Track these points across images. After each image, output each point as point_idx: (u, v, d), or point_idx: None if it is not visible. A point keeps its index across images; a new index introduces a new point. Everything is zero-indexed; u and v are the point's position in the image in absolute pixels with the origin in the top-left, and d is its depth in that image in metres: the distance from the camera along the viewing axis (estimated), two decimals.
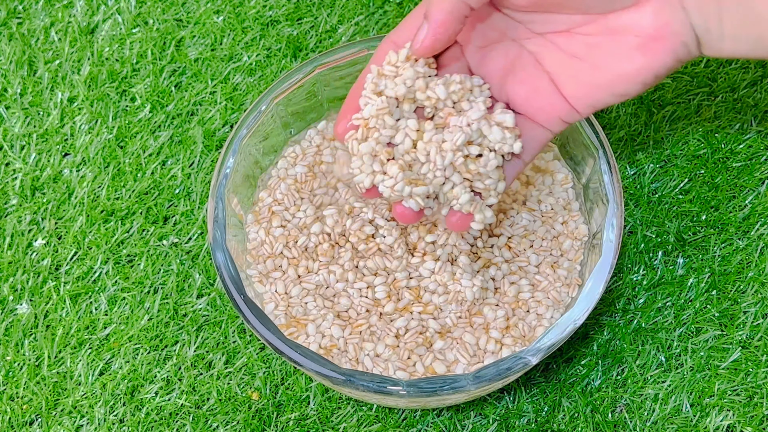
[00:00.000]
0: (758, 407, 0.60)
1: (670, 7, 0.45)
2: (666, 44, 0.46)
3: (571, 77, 0.48)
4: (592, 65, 0.47)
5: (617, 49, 0.47)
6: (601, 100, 0.48)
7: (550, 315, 0.57)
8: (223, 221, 0.56)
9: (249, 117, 0.59)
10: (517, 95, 0.50)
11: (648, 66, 0.46)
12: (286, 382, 0.62)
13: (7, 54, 0.72)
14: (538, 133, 0.51)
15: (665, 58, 0.46)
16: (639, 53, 0.46)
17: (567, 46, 0.48)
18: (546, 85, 0.49)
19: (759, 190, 0.66)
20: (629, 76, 0.47)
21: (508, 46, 0.50)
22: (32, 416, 0.62)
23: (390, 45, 0.49)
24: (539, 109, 0.50)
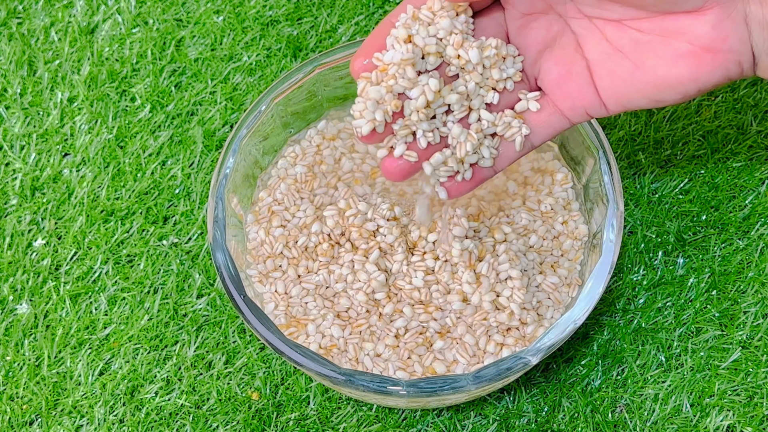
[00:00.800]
0: (758, 407, 0.60)
1: (732, 21, 0.43)
2: (719, 59, 0.43)
3: (609, 70, 0.46)
4: (635, 63, 0.45)
5: (665, 51, 0.44)
6: (635, 101, 0.46)
7: (550, 315, 0.57)
8: (223, 221, 0.56)
9: (249, 117, 0.59)
10: (548, 73, 0.48)
11: (693, 77, 0.44)
12: (286, 382, 0.62)
13: (7, 54, 0.72)
14: (556, 119, 0.49)
15: (714, 73, 0.44)
16: (687, 62, 0.44)
17: (613, 36, 0.46)
18: (581, 72, 0.47)
19: (759, 190, 0.66)
20: (670, 83, 0.45)
21: (552, 20, 0.47)
22: (32, 416, 0.62)
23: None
24: (566, 95, 0.48)
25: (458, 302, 0.56)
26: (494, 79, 0.48)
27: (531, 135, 0.49)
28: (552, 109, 0.49)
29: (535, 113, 0.49)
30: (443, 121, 0.49)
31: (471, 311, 0.56)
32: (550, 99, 0.49)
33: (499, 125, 0.49)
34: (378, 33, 0.48)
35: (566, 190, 0.61)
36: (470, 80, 0.48)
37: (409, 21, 0.47)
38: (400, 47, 0.46)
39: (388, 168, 0.49)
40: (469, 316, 0.56)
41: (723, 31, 0.43)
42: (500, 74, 0.48)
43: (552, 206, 0.60)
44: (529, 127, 0.49)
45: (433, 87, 0.47)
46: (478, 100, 0.49)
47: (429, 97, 0.47)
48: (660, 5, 0.43)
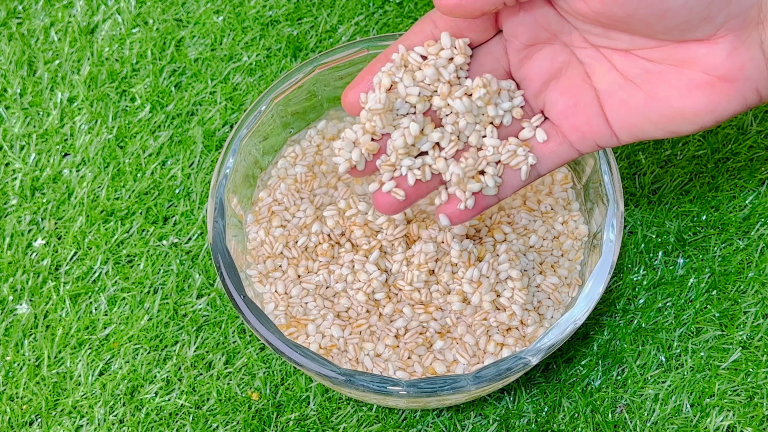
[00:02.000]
0: (758, 407, 0.60)
1: (747, 49, 0.41)
2: (735, 88, 0.41)
3: (620, 102, 0.44)
4: (648, 94, 0.43)
5: (679, 81, 0.42)
6: (648, 132, 0.44)
7: (550, 315, 0.57)
8: (223, 221, 0.56)
9: (249, 117, 0.59)
10: (555, 105, 0.47)
11: (710, 108, 0.42)
12: (286, 382, 0.62)
13: (7, 54, 0.72)
14: (565, 150, 0.48)
15: (731, 103, 0.42)
16: (703, 92, 0.42)
17: (623, 66, 0.44)
18: (590, 102, 0.45)
19: (759, 190, 0.66)
20: (686, 115, 0.43)
21: (557, 50, 0.46)
22: (32, 416, 0.62)
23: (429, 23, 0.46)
24: (574, 127, 0.46)
25: (458, 302, 0.56)
26: (490, 116, 0.48)
27: (537, 164, 0.48)
28: (560, 139, 0.47)
29: (542, 143, 0.48)
30: (435, 156, 0.48)
31: (471, 311, 0.56)
32: (558, 129, 0.47)
33: (504, 153, 0.48)
34: (371, 68, 0.47)
35: (566, 190, 0.61)
36: (461, 119, 0.47)
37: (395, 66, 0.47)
38: (376, 94, 0.46)
39: (378, 201, 0.48)
40: (469, 316, 0.56)
41: (738, 59, 0.41)
42: (495, 111, 0.47)
43: (552, 206, 0.60)
44: (536, 156, 0.48)
45: (412, 131, 0.47)
46: (474, 137, 0.48)
47: (408, 141, 0.47)
48: (670, 34, 0.41)
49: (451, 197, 0.49)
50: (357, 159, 0.47)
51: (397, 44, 0.47)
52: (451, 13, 0.43)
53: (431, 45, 0.47)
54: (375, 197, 0.49)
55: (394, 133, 0.47)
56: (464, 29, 0.46)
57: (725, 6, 0.40)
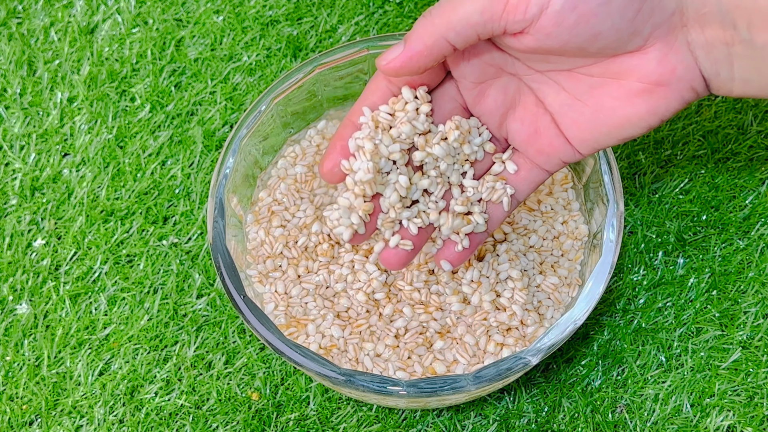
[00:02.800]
0: (759, 407, 0.60)
1: (676, 53, 0.43)
2: (671, 90, 0.44)
3: (573, 120, 0.47)
4: (595, 108, 0.46)
5: (620, 92, 0.45)
6: (603, 142, 0.47)
7: (550, 315, 0.57)
8: (223, 221, 0.56)
9: (249, 117, 0.59)
10: (518, 134, 0.49)
11: (652, 111, 0.45)
12: (286, 382, 0.62)
13: (7, 54, 0.72)
14: (535, 174, 0.50)
15: (671, 104, 0.45)
16: (642, 99, 0.45)
17: (569, 86, 0.47)
18: (548, 126, 0.48)
19: (759, 190, 0.66)
20: (632, 121, 0.45)
21: (506, 82, 0.48)
22: (32, 416, 0.62)
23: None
24: (539, 151, 0.49)
25: (458, 302, 0.56)
26: (466, 154, 0.50)
27: (516, 193, 0.51)
28: (529, 165, 0.50)
29: (515, 174, 0.51)
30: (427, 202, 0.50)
31: (471, 311, 0.56)
32: (525, 156, 0.50)
33: (484, 191, 0.51)
34: (340, 136, 0.49)
35: (566, 190, 0.61)
36: (441, 162, 0.50)
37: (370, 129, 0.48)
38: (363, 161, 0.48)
39: (387, 259, 0.50)
40: (469, 316, 0.56)
41: (669, 64, 0.44)
42: (471, 148, 0.50)
43: (552, 206, 0.60)
44: (512, 186, 0.51)
45: (403, 184, 0.49)
46: (455, 176, 0.50)
47: (402, 193, 0.49)
48: (604, 52, 0.44)
49: (446, 242, 0.51)
50: (357, 223, 0.49)
51: (358, 108, 0.49)
52: (397, 74, 0.46)
53: (396, 102, 0.49)
54: (384, 256, 0.51)
55: (386, 190, 0.49)
56: (417, 79, 0.48)
57: (649, 18, 0.42)
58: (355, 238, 0.49)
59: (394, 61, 0.45)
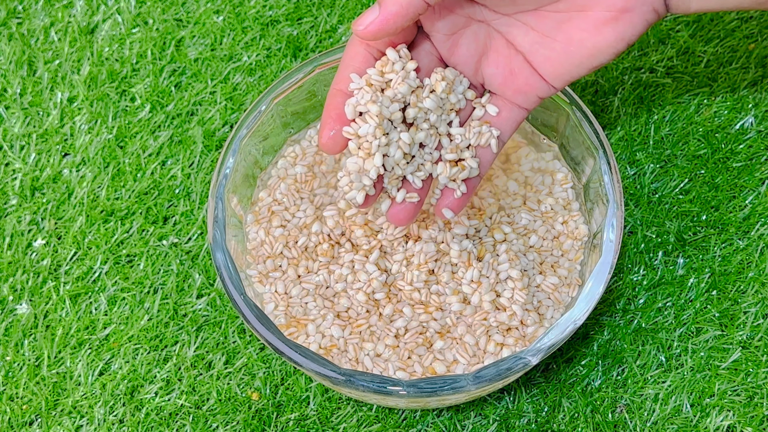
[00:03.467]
0: (758, 407, 0.60)
1: None
2: (636, 14, 0.46)
3: (545, 57, 0.49)
4: (565, 42, 0.48)
5: (587, 23, 0.47)
6: (575, 74, 0.49)
7: (550, 315, 0.57)
8: (223, 221, 0.56)
9: (249, 117, 0.59)
10: (494, 78, 0.51)
11: (620, 37, 0.47)
12: (286, 382, 0.62)
13: (7, 54, 0.72)
14: (515, 113, 0.52)
15: (636, 27, 0.47)
16: (610, 27, 0.47)
17: (537, 24, 0.48)
18: (521, 66, 0.50)
19: (759, 190, 0.66)
20: (602, 49, 0.48)
21: (476, 30, 0.50)
22: (32, 416, 0.62)
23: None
24: (517, 91, 0.51)
25: (458, 302, 0.56)
26: (452, 103, 0.51)
27: (500, 135, 0.52)
28: (509, 106, 0.52)
29: (496, 116, 0.52)
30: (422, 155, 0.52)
31: (471, 311, 0.56)
32: (503, 98, 0.52)
33: (472, 137, 0.52)
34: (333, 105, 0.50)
35: (566, 190, 0.61)
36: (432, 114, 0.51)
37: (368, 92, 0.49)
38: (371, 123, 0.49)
39: (395, 215, 0.52)
40: (469, 316, 0.56)
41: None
42: (456, 97, 0.51)
43: (552, 206, 0.60)
44: (497, 128, 0.52)
45: (406, 140, 0.50)
46: (443, 126, 0.52)
47: (405, 150, 0.50)
48: None
49: (444, 192, 0.53)
50: (369, 184, 0.50)
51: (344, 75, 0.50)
52: (375, 38, 0.47)
53: (384, 64, 0.50)
54: (391, 213, 0.52)
55: (390, 149, 0.50)
56: (394, 39, 0.50)
57: None
58: (367, 200, 0.51)
59: (372, 25, 0.46)
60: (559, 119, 0.59)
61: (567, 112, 0.58)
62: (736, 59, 0.69)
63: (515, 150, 0.62)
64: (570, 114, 0.58)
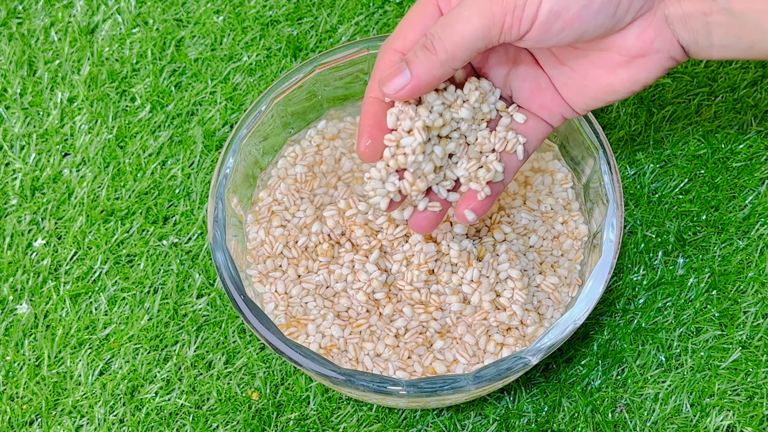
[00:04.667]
0: (758, 407, 0.60)
1: (654, 27, 0.46)
2: (650, 60, 0.47)
3: (563, 83, 0.50)
4: (582, 75, 0.49)
5: (603, 63, 0.48)
6: (593, 105, 0.50)
7: (550, 315, 0.57)
8: (223, 221, 0.56)
9: (249, 117, 0.59)
10: (521, 91, 0.52)
11: (633, 79, 0.48)
12: (286, 382, 0.62)
13: (7, 54, 0.72)
14: (541, 126, 0.52)
15: (650, 72, 0.48)
16: (623, 69, 0.48)
17: (558, 53, 0.50)
18: (547, 84, 0.51)
19: (759, 190, 0.66)
20: (615, 88, 0.49)
21: (507, 46, 0.51)
22: (32, 416, 0.62)
23: (391, 53, 0.50)
24: (543, 106, 0.52)
25: (458, 302, 0.56)
26: (484, 113, 0.51)
27: (526, 143, 0.52)
28: (534, 118, 0.52)
29: (523, 124, 0.52)
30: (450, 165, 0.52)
31: (471, 311, 0.56)
32: (529, 111, 0.52)
33: (497, 142, 0.52)
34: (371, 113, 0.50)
35: (566, 190, 0.61)
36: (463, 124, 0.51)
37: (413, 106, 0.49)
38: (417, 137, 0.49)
39: (417, 223, 0.52)
40: (469, 315, 0.56)
41: (647, 38, 0.46)
42: (488, 107, 0.51)
43: (552, 206, 0.60)
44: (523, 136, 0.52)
45: (439, 154, 0.50)
46: (472, 136, 0.52)
47: (437, 164, 0.50)
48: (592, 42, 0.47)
49: (466, 193, 0.52)
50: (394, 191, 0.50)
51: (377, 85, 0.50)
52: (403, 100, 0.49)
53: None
54: (413, 221, 0.52)
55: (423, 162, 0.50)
56: None
57: (629, 7, 0.45)
58: (391, 205, 0.51)
59: (402, 90, 0.48)
60: None
61: None
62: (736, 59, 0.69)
63: None
64: None
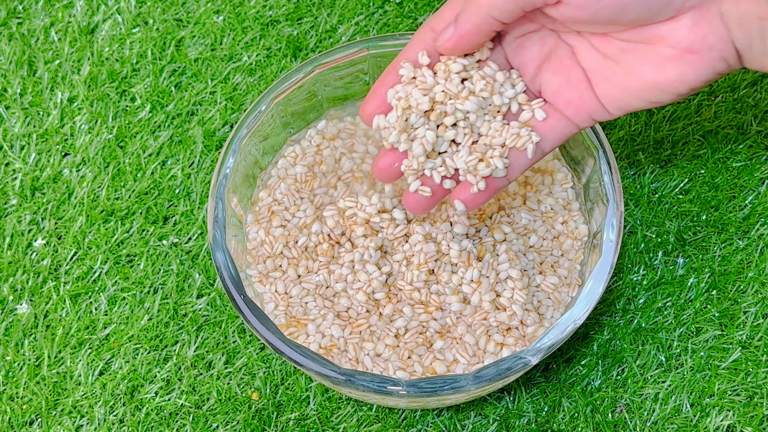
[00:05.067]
0: (758, 407, 0.60)
1: (708, 22, 0.44)
2: (702, 58, 0.45)
3: (604, 78, 0.48)
4: (626, 70, 0.47)
5: (651, 57, 0.46)
6: (632, 105, 0.48)
7: (550, 315, 0.57)
8: (223, 221, 0.56)
9: (249, 117, 0.59)
10: (549, 84, 0.50)
11: (681, 78, 0.46)
12: (286, 382, 0.62)
13: (7, 54, 0.72)
14: (563, 125, 0.51)
15: (701, 72, 0.45)
16: (672, 65, 0.45)
17: (602, 47, 0.48)
18: (579, 79, 0.49)
19: (759, 190, 0.66)
20: (661, 86, 0.46)
21: (544, 36, 0.50)
22: (32, 416, 0.62)
23: (428, 31, 0.50)
24: (569, 102, 0.50)
25: (458, 302, 0.56)
26: (496, 105, 0.51)
27: (541, 142, 0.51)
28: (558, 115, 0.51)
29: (542, 121, 0.51)
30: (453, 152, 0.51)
31: (471, 311, 0.56)
32: (555, 107, 0.51)
33: (509, 137, 0.51)
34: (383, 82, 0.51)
35: (566, 190, 0.61)
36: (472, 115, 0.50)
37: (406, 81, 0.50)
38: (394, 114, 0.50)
39: (408, 202, 0.53)
40: (469, 315, 0.56)
41: (700, 32, 0.44)
42: (501, 99, 0.50)
43: (552, 206, 0.60)
44: (539, 134, 0.51)
45: (429, 139, 0.50)
46: (485, 127, 0.51)
47: (428, 148, 0.50)
48: (636, 22, 0.45)
49: (463, 183, 0.51)
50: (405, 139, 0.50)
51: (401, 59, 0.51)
52: (453, 53, 0.49)
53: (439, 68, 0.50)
54: (405, 198, 0.53)
55: (414, 143, 0.50)
56: None
57: None
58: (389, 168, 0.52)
59: (447, 41, 0.48)
60: None
61: None
62: None
63: None
64: None
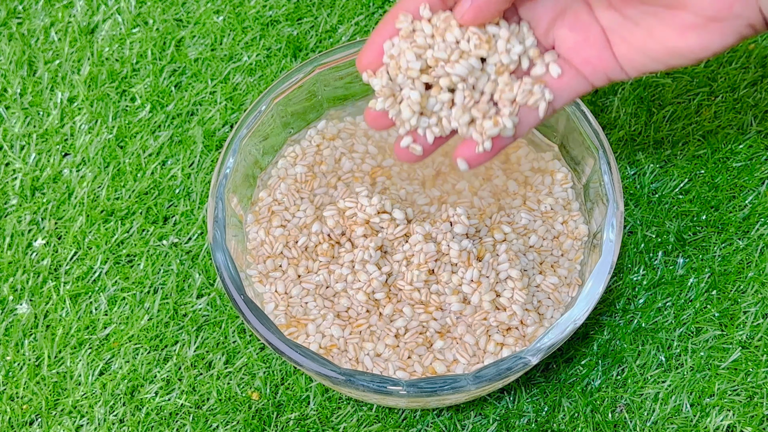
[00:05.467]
0: (758, 407, 0.60)
1: None
2: (727, 26, 0.43)
3: (622, 38, 0.46)
4: (646, 32, 0.45)
5: (673, 22, 0.44)
6: (651, 67, 0.46)
7: (550, 315, 0.57)
8: (223, 221, 0.56)
9: (249, 117, 0.59)
10: (565, 41, 0.47)
11: (704, 46, 0.43)
12: (286, 382, 0.62)
13: (7, 54, 0.72)
14: (579, 83, 0.48)
15: (726, 39, 0.43)
16: (695, 33, 0.43)
17: (622, 7, 0.45)
18: (597, 37, 0.47)
19: (759, 190, 0.66)
20: (682, 52, 0.44)
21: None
22: (32, 416, 0.62)
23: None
24: (586, 60, 0.47)
25: (458, 302, 0.56)
26: (504, 63, 0.47)
27: (553, 99, 0.48)
28: (573, 72, 0.48)
29: (557, 78, 0.48)
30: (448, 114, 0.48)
31: (471, 311, 0.56)
32: (571, 63, 0.48)
33: (520, 93, 0.47)
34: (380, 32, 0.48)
35: (566, 190, 0.61)
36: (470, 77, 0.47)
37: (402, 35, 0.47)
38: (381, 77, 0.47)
39: (397, 152, 0.49)
40: (469, 315, 0.56)
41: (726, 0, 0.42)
42: (509, 57, 0.47)
43: (552, 206, 0.60)
44: (552, 91, 0.48)
45: (414, 98, 0.47)
46: (489, 86, 0.48)
47: (414, 109, 0.47)
48: None
49: (467, 141, 0.48)
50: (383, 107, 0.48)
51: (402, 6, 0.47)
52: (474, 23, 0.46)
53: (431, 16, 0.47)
54: (394, 150, 0.50)
55: (401, 105, 0.47)
56: None
57: None
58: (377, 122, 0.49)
59: (467, 13, 0.45)
60: (559, 119, 0.59)
61: (566, 112, 0.58)
62: (736, 59, 0.69)
63: (515, 150, 0.62)
64: (569, 114, 0.58)
